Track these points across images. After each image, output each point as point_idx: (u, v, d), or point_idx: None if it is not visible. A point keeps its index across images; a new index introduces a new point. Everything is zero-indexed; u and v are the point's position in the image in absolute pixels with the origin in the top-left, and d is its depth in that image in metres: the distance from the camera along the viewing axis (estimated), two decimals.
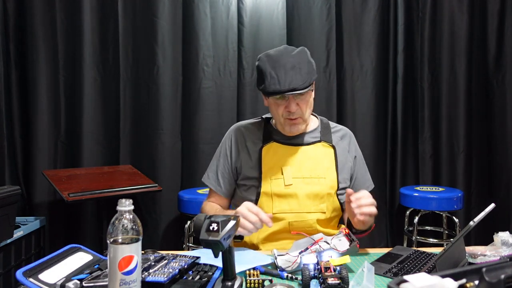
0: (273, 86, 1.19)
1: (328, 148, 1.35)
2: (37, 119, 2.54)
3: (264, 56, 1.25)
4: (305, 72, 1.20)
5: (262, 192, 1.28)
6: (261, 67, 1.23)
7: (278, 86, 1.18)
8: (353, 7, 2.80)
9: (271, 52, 1.26)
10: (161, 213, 2.65)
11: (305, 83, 1.19)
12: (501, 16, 2.77)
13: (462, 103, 2.81)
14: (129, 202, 0.77)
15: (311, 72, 1.23)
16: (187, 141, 2.69)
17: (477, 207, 2.84)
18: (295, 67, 1.19)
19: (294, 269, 1.01)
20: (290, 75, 1.18)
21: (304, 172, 1.29)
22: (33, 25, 2.52)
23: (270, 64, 1.21)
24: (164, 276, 0.89)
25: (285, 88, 1.18)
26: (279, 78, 1.18)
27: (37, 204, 2.55)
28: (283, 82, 1.18)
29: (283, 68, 1.19)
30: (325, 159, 1.32)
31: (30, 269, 0.87)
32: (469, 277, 0.68)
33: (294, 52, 1.23)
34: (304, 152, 1.32)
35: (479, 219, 0.96)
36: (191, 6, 2.65)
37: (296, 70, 1.19)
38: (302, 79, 1.19)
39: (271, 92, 1.20)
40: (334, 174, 1.31)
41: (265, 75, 1.21)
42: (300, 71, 1.19)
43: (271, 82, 1.19)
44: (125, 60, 2.62)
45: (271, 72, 1.20)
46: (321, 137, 1.36)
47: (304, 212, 1.27)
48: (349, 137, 1.44)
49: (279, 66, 1.19)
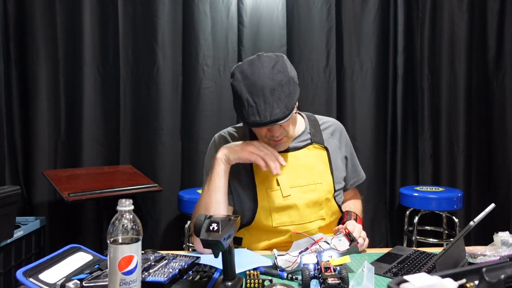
0: (253, 118, 1.08)
1: (321, 150, 1.28)
2: (37, 119, 2.54)
3: (238, 73, 1.12)
4: (286, 96, 1.08)
5: (259, 206, 1.21)
6: (237, 90, 1.11)
7: (258, 118, 1.07)
8: (353, 7, 2.80)
9: (245, 67, 1.12)
10: (161, 213, 2.65)
11: (287, 109, 1.08)
12: (501, 16, 2.77)
13: (462, 103, 2.81)
14: (129, 202, 0.77)
15: (293, 92, 1.11)
16: (187, 141, 2.69)
17: (477, 207, 2.84)
18: (274, 91, 1.07)
19: (294, 269, 1.01)
20: (270, 103, 1.06)
21: (300, 180, 1.23)
22: (33, 25, 2.52)
23: (247, 87, 1.09)
24: (164, 276, 0.89)
25: (266, 120, 1.07)
26: (258, 108, 1.07)
27: (37, 204, 2.55)
28: (263, 114, 1.06)
29: (261, 94, 1.07)
30: (318, 163, 1.27)
31: (30, 269, 0.87)
32: (469, 277, 0.68)
33: (271, 67, 1.10)
34: (297, 158, 1.25)
35: (479, 219, 0.96)
36: (191, 6, 2.65)
37: (276, 95, 1.07)
38: (285, 106, 1.08)
39: (250, 124, 1.10)
40: (329, 177, 1.27)
41: (242, 102, 1.09)
42: (281, 95, 1.07)
43: (249, 112, 1.08)
44: (125, 60, 2.62)
45: (248, 99, 1.08)
46: (312, 138, 1.29)
47: (305, 223, 1.22)
48: (339, 132, 1.37)
49: (257, 91, 1.07)
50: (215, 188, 1.18)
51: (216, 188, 1.18)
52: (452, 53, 2.82)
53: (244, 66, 1.13)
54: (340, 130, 1.38)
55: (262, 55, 1.14)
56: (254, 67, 1.10)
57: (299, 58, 2.76)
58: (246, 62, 1.13)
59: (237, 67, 1.15)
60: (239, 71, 1.12)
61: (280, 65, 1.11)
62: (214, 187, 1.18)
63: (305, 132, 1.31)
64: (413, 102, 2.86)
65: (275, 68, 1.10)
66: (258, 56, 1.14)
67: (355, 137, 2.81)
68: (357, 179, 1.42)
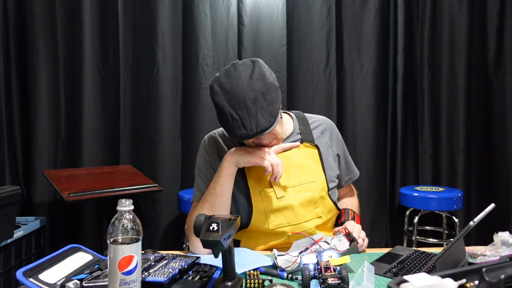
0: (239, 131, 1.08)
1: (312, 148, 1.28)
2: (37, 119, 2.54)
3: (217, 87, 1.11)
4: (269, 104, 1.08)
5: (254, 209, 1.20)
6: (218, 104, 1.10)
7: (245, 131, 1.07)
8: (353, 7, 2.80)
9: (222, 80, 1.10)
10: (161, 213, 2.65)
11: (273, 117, 1.08)
12: (501, 16, 2.77)
13: (462, 103, 2.81)
14: (129, 202, 0.77)
15: (275, 98, 1.10)
16: (187, 141, 2.69)
17: (477, 207, 2.84)
18: (256, 101, 1.06)
19: (294, 269, 1.01)
20: (254, 114, 1.06)
21: (293, 180, 1.23)
22: (33, 25, 2.52)
23: (228, 101, 1.08)
24: (164, 276, 0.89)
25: (253, 132, 1.07)
26: (242, 121, 1.06)
27: (37, 204, 2.55)
28: (249, 126, 1.06)
29: (244, 106, 1.06)
30: (310, 161, 1.26)
31: (30, 269, 0.87)
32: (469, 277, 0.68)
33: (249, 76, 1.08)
34: (288, 159, 1.24)
35: (479, 219, 0.96)
36: (191, 6, 2.65)
37: (258, 104, 1.06)
38: (269, 114, 1.08)
39: (238, 137, 1.10)
40: (322, 175, 1.26)
41: (226, 117, 1.09)
42: (263, 104, 1.07)
43: (235, 126, 1.08)
44: (125, 60, 2.62)
45: (231, 114, 1.07)
46: (302, 137, 1.29)
47: (302, 222, 1.22)
48: (329, 130, 1.36)
49: (239, 103, 1.06)
50: (223, 191, 1.18)
51: (224, 191, 1.18)
52: (452, 53, 2.82)
53: (222, 78, 1.11)
54: (330, 128, 1.37)
55: (238, 64, 1.13)
56: (232, 78, 1.09)
57: (299, 58, 2.76)
58: (223, 74, 1.12)
59: (214, 80, 1.13)
60: (217, 85, 1.11)
61: (257, 72, 1.10)
62: (222, 191, 1.18)
63: (295, 132, 1.31)
64: (413, 102, 2.86)
65: (253, 77, 1.09)
66: (233, 66, 1.12)
67: (355, 137, 2.81)
68: (351, 176, 1.42)
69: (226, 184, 1.18)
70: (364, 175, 2.77)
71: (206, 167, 1.28)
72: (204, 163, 1.29)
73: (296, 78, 2.76)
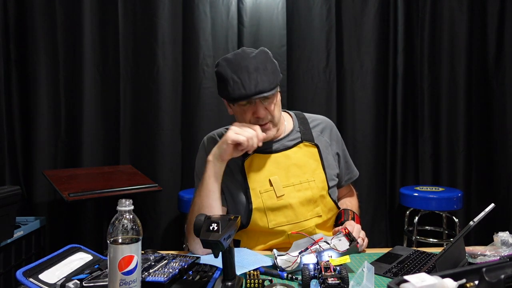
0: (238, 91, 1.11)
1: (311, 147, 1.28)
2: (37, 119, 2.54)
3: (222, 61, 1.17)
4: (270, 72, 1.14)
5: (254, 208, 1.21)
6: (221, 73, 1.15)
7: (244, 91, 1.10)
8: (353, 7, 2.80)
9: (229, 56, 1.17)
10: (161, 213, 2.65)
11: (271, 84, 1.13)
12: (501, 16, 2.76)
13: (462, 103, 2.81)
14: (129, 202, 0.77)
15: (276, 71, 1.17)
16: (187, 141, 2.69)
17: (477, 207, 2.84)
18: (258, 68, 1.12)
19: (294, 269, 1.01)
20: (254, 77, 1.10)
21: (292, 179, 1.24)
22: (33, 25, 2.52)
23: (231, 68, 1.13)
24: (164, 276, 0.89)
25: (252, 92, 1.10)
26: (243, 82, 1.10)
27: (37, 204, 2.55)
28: (248, 86, 1.10)
29: (245, 71, 1.11)
30: (310, 160, 1.27)
31: (30, 269, 0.87)
32: (469, 277, 0.68)
33: (254, 54, 1.15)
34: (288, 157, 1.25)
35: (479, 219, 0.96)
36: (191, 6, 2.65)
37: (260, 71, 1.12)
38: (268, 80, 1.12)
39: (236, 98, 1.12)
40: (322, 174, 1.27)
41: (227, 81, 1.13)
42: (264, 71, 1.12)
43: (235, 87, 1.11)
44: (125, 60, 2.62)
45: (233, 77, 1.11)
46: (302, 136, 1.29)
47: (301, 221, 1.22)
48: (329, 129, 1.36)
49: (241, 69, 1.11)
50: (207, 193, 1.17)
51: (208, 193, 1.17)
52: (452, 53, 2.82)
53: (228, 55, 1.19)
54: (330, 127, 1.38)
55: (245, 48, 1.21)
56: (237, 54, 1.17)
57: (299, 58, 2.76)
58: (231, 53, 1.19)
59: (221, 58, 1.19)
60: (223, 59, 1.18)
61: (263, 52, 1.18)
62: (206, 193, 1.17)
63: (294, 131, 1.31)
64: (413, 102, 2.86)
65: (257, 53, 1.17)
66: (242, 49, 1.20)
67: (355, 137, 2.81)
68: (351, 175, 1.43)
69: (211, 185, 1.17)
70: (364, 175, 2.76)
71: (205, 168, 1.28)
72: (203, 164, 1.28)
73: (296, 78, 2.76)
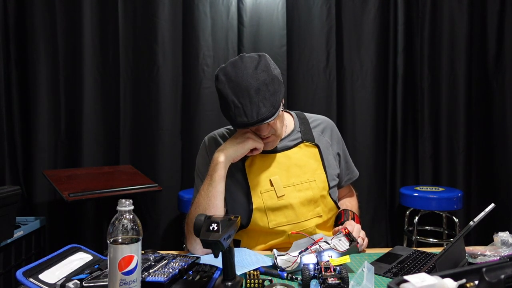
0: (240, 119, 1.09)
1: (312, 147, 1.29)
2: (37, 119, 2.54)
3: (222, 76, 1.13)
4: (271, 94, 1.10)
5: (254, 208, 1.21)
6: (222, 92, 1.12)
7: (245, 119, 1.08)
8: (353, 7, 2.80)
9: (228, 69, 1.12)
10: (161, 213, 2.65)
11: (274, 108, 1.10)
12: (501, 16, 2.76)
13: (462, 103, 2.81)
14: (129, 202, 0.77)
15: (278, 90, 1.12)
16: (187, 141, 2.69)
17: (477, 207, 2.84)
18: (259, 91, 1.08)
19: (294, 269, 1.01)
20: (255, 103, 1.08)
21: (293, 179, 1.24)
22: (33, 25, 2.52)
23: (232, 89, 1.10)
24: (164, 276, 0.89)
25: (253, 120, 1.08)
26: (244, 108, 1.08)
27: (37, 204, 2.55)
28: (250, 114, 1.08)
29: (247, 95, 1.08)
30: (311, 160, 1.27)
31: (30, 269, 0.87)
32: (469, 277, 0.68)
33: (254, 67, 1.11)
34: (289, 158, 1.25)
35: (479, 219, 0.96)
36: (191, 6, 2.65)
37: (261, 94, 1.08)
38: (271, 104, 1.09)
39: (238, 125, 1.12)
40: (323, 174, 1.27)
41: (227, 104, 1.11)
42: (266, 94, 1.09)
43: (236, 113, 1.09)
44: (125, 60, 2.62)
45: (234, 101, 1.09)
46: (303, 136, 1.29)
47: (302, 221, 1.22)
48: (329, 129, 1.36)
49: (242, 92, 1.08)
50: (215, 194, 1.16)
51: (216, 194, 1.16)
52: (452, 53, 2.82)
53: (228, 68, 1.13)
54: (330, 127, 1.37)
55: (244, 56, 1.15)
56: (237, 68, 1.11)
57: (299, 58, 2.76)
58: (229, 64, 1.14)
59: (220, 69, 1.15)
60: (223, 74, 1.13)
61: (263, 64, 1.12)
62: (214, 193, 1.16)
63: (295, 131, 1.31)
64: (413, 102, 2.86)
65: (258, 68, 1.11)
66: (240, 57, 1.15)
67: (355, 137, 2.81)
68: (351, 176, 1.43)
69: (220, 187, 1.17)
70: (364, 175, 2.76)
71: (206, 168, 1.27)
72: (204, 164, 1.28)
73: (296, 78, 2.76)
